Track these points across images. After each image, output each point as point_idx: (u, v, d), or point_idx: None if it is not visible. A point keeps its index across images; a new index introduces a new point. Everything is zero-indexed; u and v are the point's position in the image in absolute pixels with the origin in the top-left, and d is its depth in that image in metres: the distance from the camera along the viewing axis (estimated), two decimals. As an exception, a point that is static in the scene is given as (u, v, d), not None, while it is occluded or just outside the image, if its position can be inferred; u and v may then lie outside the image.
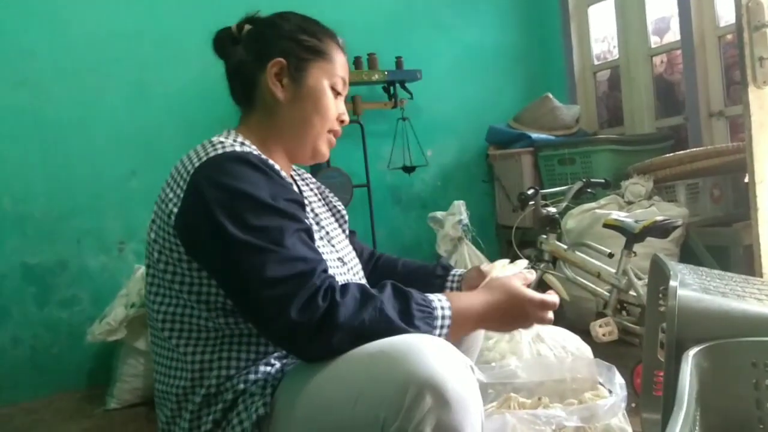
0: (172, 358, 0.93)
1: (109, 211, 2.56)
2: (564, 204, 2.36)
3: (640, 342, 1.94)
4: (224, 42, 1.08)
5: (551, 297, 0.98)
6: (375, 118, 3.02)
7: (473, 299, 0.95)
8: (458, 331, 0.91)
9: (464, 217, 2.76)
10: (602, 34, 3.40)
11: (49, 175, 2.48)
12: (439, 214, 2.86)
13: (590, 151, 2.78)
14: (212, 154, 0.90)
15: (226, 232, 0.83)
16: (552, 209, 2.29)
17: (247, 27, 1.06)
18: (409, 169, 3.03)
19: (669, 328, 1.12)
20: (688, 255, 2.38)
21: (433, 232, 2.88)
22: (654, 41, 3.09)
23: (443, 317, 0.89)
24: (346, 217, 1.22)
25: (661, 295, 1.46)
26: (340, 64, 1.06)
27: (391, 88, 2.96)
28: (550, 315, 0.97)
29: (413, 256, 3.08)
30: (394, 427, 0.74)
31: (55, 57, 2.49)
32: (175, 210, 0.88)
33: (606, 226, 2.12)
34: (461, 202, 2.78)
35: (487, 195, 3.35)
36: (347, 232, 1.21)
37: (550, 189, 2.51)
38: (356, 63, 2.88)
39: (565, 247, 2.24)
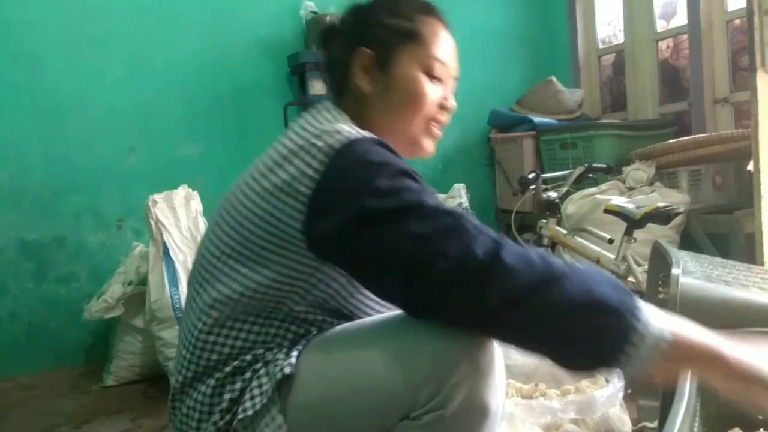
0: (209, 332, 0.87)
1: (108, 188, 2.54)
2: (565, 189, 2.35)
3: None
4: (327, 37, 1.02)
5: None
6: (376, 99, 2.98)
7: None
8: (680, 354, 0.68)
9: (464, 200, 2.74)
10: (608, 17, 3.35)
11: (46, 150, 2.45)
12: (439, 196, 2.84)
13: (592, 136, 2.76)
14: (352, 137, 0.83)
15: (363, 200, 0.78)
16: (552, 194, 2.28)
17: (347, 18, 1.00)
18: (409, 151, 2.99)
19: (670, 315, 1.11)
20: (688, 242, 2.37)
21: (432, 215, 2.86)
22: (660, 25, 3.04)
23: (655, 317, 0.68)
24: None
25: (660, 282, 1.45)
26: (436, 44, 0.96)
27: (393, 68, 2.91)
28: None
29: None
30: (427, 389, 0.76)
31: (52, 29, 2.45)
32: (307, 191, 0.81)
33: (607, 211, 2.10)
34: (461, 185, 2.76)
35: (488, 178, 3.33)
36: None
37: (551, 173, 2.50)
38: (358, 42, 2.83)
39: (565, 232, 2.23)
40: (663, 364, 0.67)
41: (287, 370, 0.82)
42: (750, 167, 1.98)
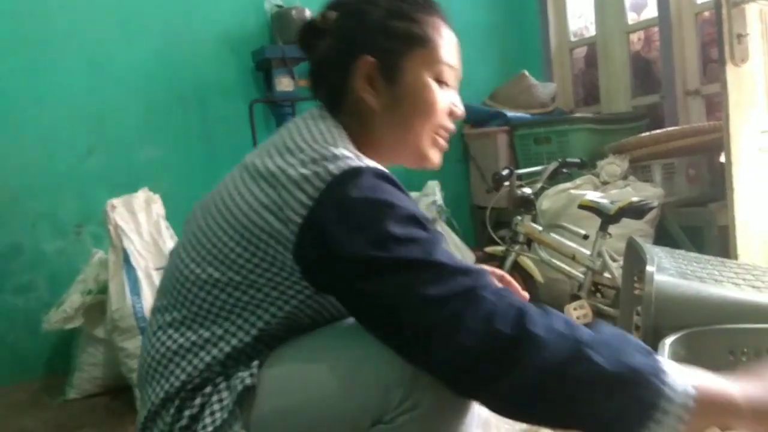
0: (196, 343, 0.82)
1: (65, 193, 2.45)
2: (539, 184, 2.32)
3: (614, 325, 1.92)
4: (308, 37, 0.91)
5: None
6: (347, 96, 2.92)
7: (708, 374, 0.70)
8: (704, 413, 0.66)
9: (438, 197, 2.70)
10: (579, 9, 3.34)
11: (0, 154, 2.35)
12: (412, 194, 2.80)
13: (567, 130, 2.74)
14: (354, 165, 0.76)
15: (370, 247, 0.71)
16: (527, 190, 2.25)
17: (332, 15, 0.89)
18: (382, 149, 2.94)
19: (645, 314, 1.08)
20: (663, 235, 2.36)
21: (406, 214, 2.82)
22: (631, 18, 3.04)
23: (681, 380, 0.66)
24: None
25: (636, 278, 1.43)
26: (443, 46, 0.89)
27: (364, 64, 2.86)
28: None
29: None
30: (398, 392, 0.73)
31: (4, 27, 2.34)
32: (298, 219, 0.74)
33: (581, 207, 2.09)
34: (435, 182, 2.72)
35: (461, 175, 3.29)
36: None
37: (525, 169, 2.47)
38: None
39: (540, 228, 2.21)
40: (689, 423, 0.65)
41: (248, 381, 0.77)
42: (722, 159, 1.97)
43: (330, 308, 0.83)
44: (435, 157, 0.93)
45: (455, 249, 2.71)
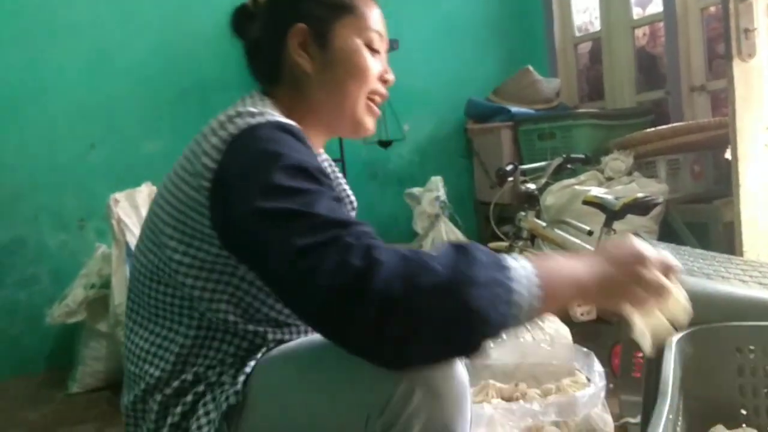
0: (154, 343, 0.83)
1: (68, 187, 2.46)
2: (543, 180, 2.31)
3: (618, 321, 1.92)
4: (240, 20, 0.95)
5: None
6: (350, 90, 2.91)
7: (557, 257, 0.74)
8: (553, 296, 0.69)
9: (441, 193, 2.70)
10: (584, 4, 3.32)
11: (2, 149, 2.35)
12: (416, 190, 2.80)
13: (571, 126, 2.73)
14: (253, 122, 0.79)
15: (254, 197, 0.71)
16: (531, 185, 2.24)
17: None
18: (385, 144, 2.94)
19: (651, 311, 1.07)
20: (667, 232, 2.35)
21: (409, 209, 2.82)
22: (636, 13, 3.02)
23: (524, 271, 0.68)
24: (355, 204, 1.08)
25: (641, 275, 1.42)
26: (371, 16, 0.93)
27: (367, 58, 2.85)
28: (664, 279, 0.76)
29: (389, 233, 3.01)
30: (380, 421, 0.71)
31: (5, 21, 2.34)
32: (207, 184, 0.77)
33: (586, 203, 2.07)
34: (439, 178, 2.72)
35: (465, 171, 3.28)
36: None
37: (529, 164, 2.46)
38: (330, 32, 2.77)
39: (544, 224, 2.20)
40: (540, 311, 0.69)
41: (232, 400, 0.76)
42: (728, 155, 1.96)
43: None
44: (369, 123, 0.96)
45: (458, 245, 2.70)
